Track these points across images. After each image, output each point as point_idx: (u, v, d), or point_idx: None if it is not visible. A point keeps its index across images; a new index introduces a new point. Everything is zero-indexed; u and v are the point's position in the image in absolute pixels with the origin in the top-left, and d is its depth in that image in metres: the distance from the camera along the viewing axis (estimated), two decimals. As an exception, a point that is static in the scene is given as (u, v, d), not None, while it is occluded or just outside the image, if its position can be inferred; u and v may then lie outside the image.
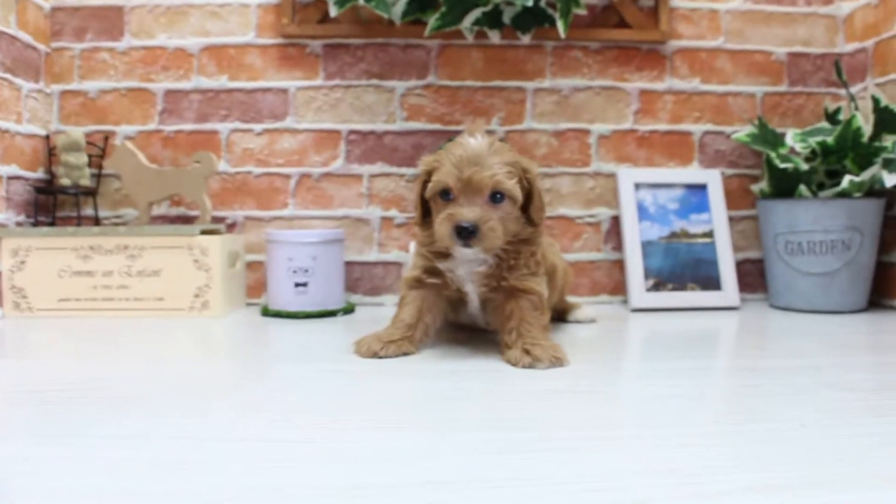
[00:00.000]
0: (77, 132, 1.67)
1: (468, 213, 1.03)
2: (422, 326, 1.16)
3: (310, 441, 0.70)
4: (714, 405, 0.85)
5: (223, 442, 0.69)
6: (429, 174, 1.10)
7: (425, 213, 1.15)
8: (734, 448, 0.67)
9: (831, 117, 1.75)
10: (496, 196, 1.05)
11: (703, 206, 1.76)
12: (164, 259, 1.55)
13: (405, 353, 1.12)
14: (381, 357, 1.10)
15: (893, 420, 0.77)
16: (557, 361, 1.03)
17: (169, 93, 1.75)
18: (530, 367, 1.02)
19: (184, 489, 0.57)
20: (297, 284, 1.54)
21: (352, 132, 1.76)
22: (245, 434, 0.72)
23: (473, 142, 1.06)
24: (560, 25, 1.61)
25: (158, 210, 1.75)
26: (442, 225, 1.04)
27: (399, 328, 1.14)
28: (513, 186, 1.05)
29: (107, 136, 1.73)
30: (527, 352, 1.04)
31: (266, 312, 1.58)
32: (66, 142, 1.64)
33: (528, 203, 1.10)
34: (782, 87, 1.84)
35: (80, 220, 1.66)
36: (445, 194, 1.06)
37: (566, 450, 0.67)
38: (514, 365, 1.04)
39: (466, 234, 1.02)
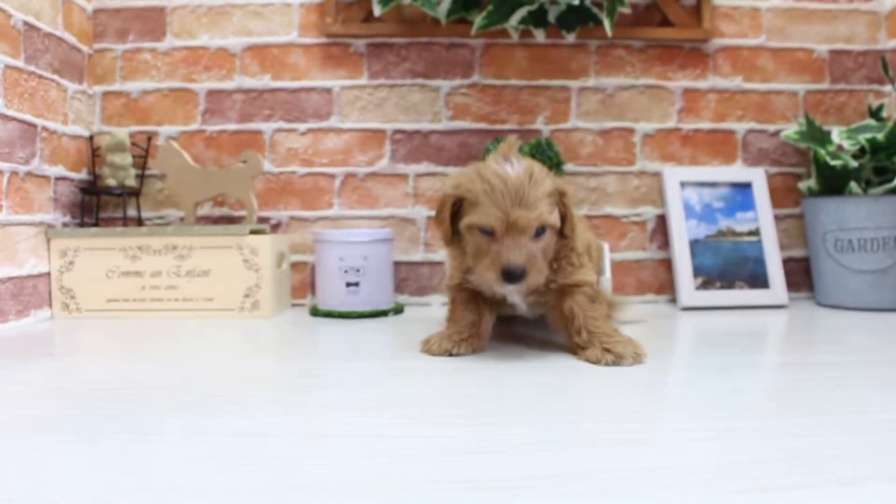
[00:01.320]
0: (122, 132, 1.66)
1: (516, 255, 0.98)
2: (484, 323, 1.15)
3: (402, 436, 0.69)
4: (796, 398, 0.83)
5: (304, 437, 0.69)
6: (458, 198, 1.04)
7: (453, 231, 1.09)
8: (832, 439, 0.66)
9: (875, 114, 1.74)
10: (539, 230, 1.01)
11: (748, 205, 1.76)
12: (213, 259, 1.54)
13: (475, 351, 1.12)
14: (454, 355, 1.09)
15: None
16: (639, 357, 1.02)
17: (211, 93, 1.75)
18: (614, 364, 1.01)
19: (265, 485, 0.56)
20: (349, 284, 1.53)
21: (397, 131, 1.75)
22: (333, 430, 0.71)
23: (512, 172, 0.99)
24: (606, 24, 1.60)
25: (202, 211, 1.74)
26: (487, 270, 1.00)
27: (465, 325, 1.13)
28: (556, 219, 1.02)
29: (150, 137, 1.73)
30: (607, 350, 1.03)
31: (316, 312, 1.57)
32: (112, 142, 1.64)
33: (563, 222, 1.06)
34: (824, 85, 1.83)
35: (125, 221, 1.65)
36: (487, 232, 1.01)
37: (672, 441, 0.66)
38: (597, 364, 1.02)
39: (514, 277, 0.98)
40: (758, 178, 1.77)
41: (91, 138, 1.71)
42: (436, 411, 0.78)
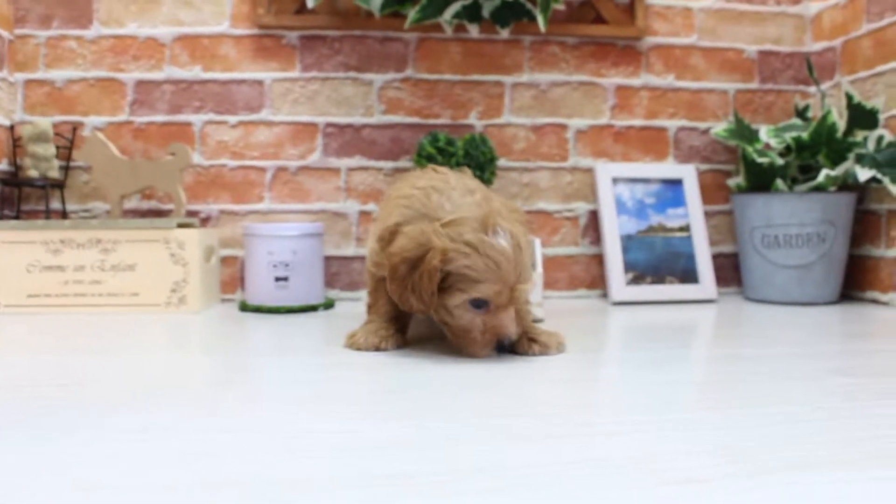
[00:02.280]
0: (45, 122, 1.61)
1: (512, 327, 0.99)
2: (406, 317, 1.14)
3: (329, 432, 0.68)
4: (725, 390, 0.85)
5: (232, 433, 0.67)
6: (445, 272, 0.97)
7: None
8: (760, 430, 0.67)
9: (801, 114, 1.78)
10: None
11: (679, 201, 1.78)
12: (139, 253, 1.51)
13: (400, 346, 1.11)
14: (382, 350, 1.08)
15: (903, 401, 0.78)
16: (562, 347, 1.04)
17: (140, 83, 1.71)
18: (541, 354, 1.03)
19: (195, 481, 0.55)
20: (278, 279, 1.51)
21: (329, 125, 1.73)
22: (257, 426, 0.70)
23: (506, 245, 0.96)
24: (540, 19, 1.61)
25: (129, 203, 1.70)
26: (481, 346, 1.00)
27: (388, 320, 1.12)
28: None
29: (75, 127, 1.68)
30: (533, 340, 1.04)
31: (245, 308, 1.54)
32: (34, 132, 1.59)
33: None
34: (754, 85, 1.87)
35: (48, 214, 1.60)
36: (480, 305, 0.98)
37: (600, 434, 0.66)
38: (524, 354, 1.03)
39: (505, 348, 1.00)
40: (689, 174, 1.80)
41: (12, 128, 1.65)
42: (363, 406, 0.77)
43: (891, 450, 0.61)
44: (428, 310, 1.00)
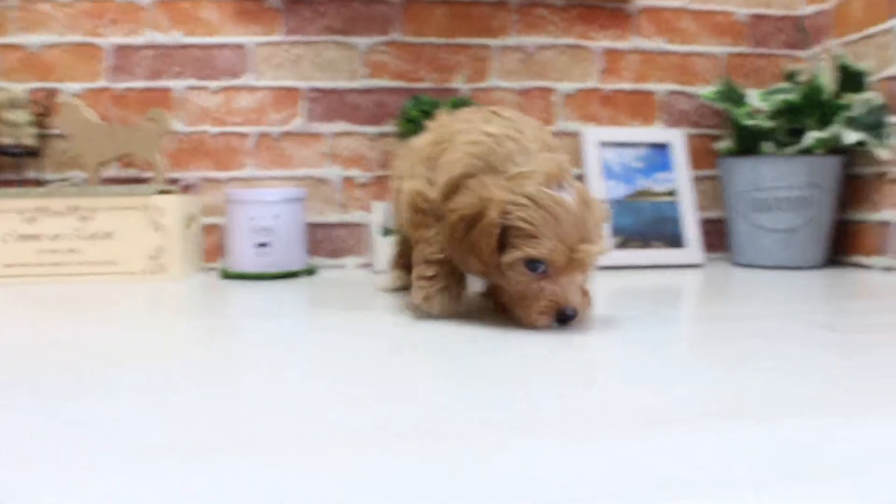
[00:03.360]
0: (17, 88, 1.57)
1: (573, 296, 0.89)
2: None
3: (314, 387, 0.66)
4: (711, 348, 0.83)
5: (218, 390, 0.65)
6: (504, 226, 0.89)
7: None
8: (744, 381, 0.66)
9: (791, 77, 1.76)
10: None
11: (666, 165, 1.76)
12: (117, 221, 1.48)
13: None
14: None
15: (884, 353, 0.77)
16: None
17: (119, 48, 1.67)
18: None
19: (195, 442, 0.53)
20: (259, 245, 1.49)
21: (312, 90, 1.70)
22: (243, 384, 0.68)
23: (570, 200, 0.87)
24: (526, -20, 1.58)
25: (109, 172, 1.67)
26: (539, 314, 0.90)
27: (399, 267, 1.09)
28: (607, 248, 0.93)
29: (50, 93, 1.64)
30: None
31: (226, 275, 1.52)
32: (5, 98, 1.55)
33: None
34: (745, 49, 1.84)
35: (21, 183, 1.57)
36: (536, 267, 0.89)
37: (594, 391, 0.65)
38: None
39: (567, 321, 0.90)
40: (677, 139, 1.78)
41: (-14, 94, 1.62)
42: (354, 366, 0.75)
43: (876, 394, 0.60)
44: (489, 271, 0.93)
